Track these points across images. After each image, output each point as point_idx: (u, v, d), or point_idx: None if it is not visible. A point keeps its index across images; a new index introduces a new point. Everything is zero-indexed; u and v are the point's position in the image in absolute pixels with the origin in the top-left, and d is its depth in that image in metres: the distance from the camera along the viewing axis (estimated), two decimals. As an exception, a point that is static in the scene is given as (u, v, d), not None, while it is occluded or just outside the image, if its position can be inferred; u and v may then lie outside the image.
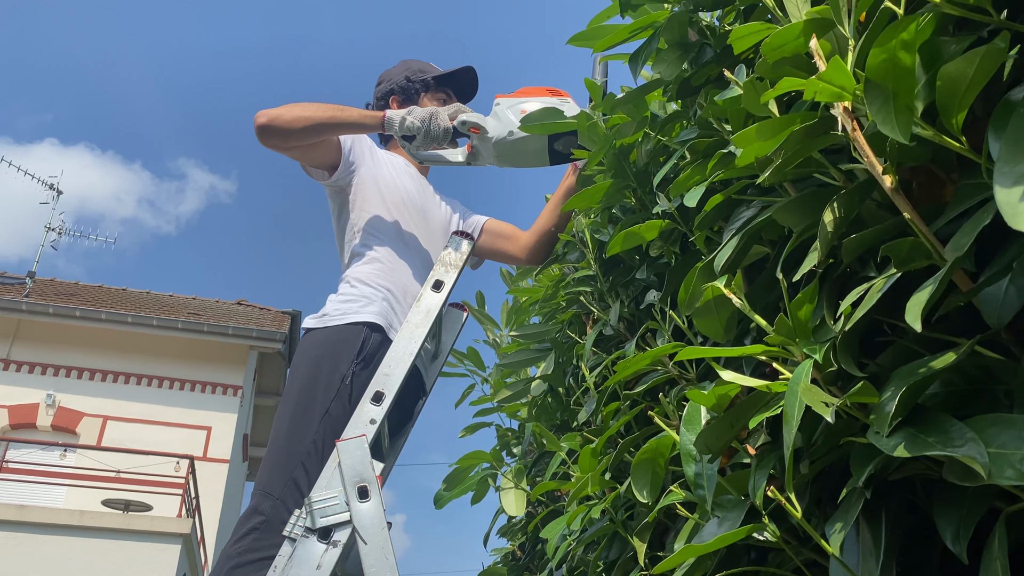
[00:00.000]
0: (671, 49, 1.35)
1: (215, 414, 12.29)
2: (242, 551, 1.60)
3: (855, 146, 0.78)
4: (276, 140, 1.70)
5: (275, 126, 1.68)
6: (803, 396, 0.74)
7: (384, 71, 2.09)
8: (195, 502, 9.48)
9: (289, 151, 1.75)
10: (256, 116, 1.68)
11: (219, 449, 12.00)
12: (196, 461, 10.50)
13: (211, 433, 12.09)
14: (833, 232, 0.81)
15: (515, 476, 1.73)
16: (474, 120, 1.76)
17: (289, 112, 1.69)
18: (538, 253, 2.14)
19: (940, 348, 0.87)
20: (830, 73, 0.75)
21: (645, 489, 1.09)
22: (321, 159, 1.82)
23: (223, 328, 12.03)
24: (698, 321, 1.03)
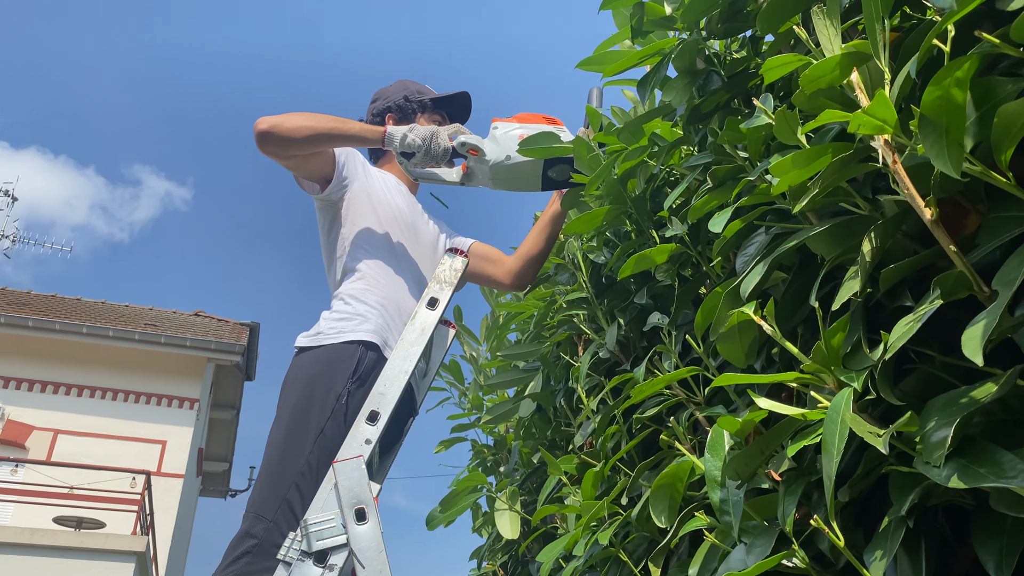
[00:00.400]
0: (681, 76, 1.37)
1: (170, 428, 12.02)
2: (233, 575, 1.56)
3: (895, 178, 0.79)
4: (275, 147, 1.68)
5: (276, 133, 1.66)
6: (852, 426, 0.74)
7: (379, 89, 2.10)
8: (150, 519, 9.25)
9: (287, 159, 1.73)
10: (257, 122, 1.66)
11: (174, 464, 11.73)
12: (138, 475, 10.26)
13: (166, 447, 11.82)
14: (871, 261, 0.83)
15: (509, 498, 1.72)
16: (473, 142, 1.76)
17: (291, 120, 1.67)
18: (523, 278, 2.14)
19: (962, 375, 0.89)
20: (875, 107, 0.76)
21: (663, 514, 1.09)
22: (316, 171, 1.80)
23: (181, 340, 11.79)
24: (721, 346, 1.04)
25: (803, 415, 0.84)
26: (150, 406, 12.04)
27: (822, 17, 0.90)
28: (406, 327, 1.80)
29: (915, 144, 0.80)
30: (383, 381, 1.72)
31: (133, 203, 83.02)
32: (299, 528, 1.56)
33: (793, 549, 0.87)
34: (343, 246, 1.88)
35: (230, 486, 16.64)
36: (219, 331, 13.06)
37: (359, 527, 1.54)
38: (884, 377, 0.81)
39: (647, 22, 1.36)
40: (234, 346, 12.16)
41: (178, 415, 12.15)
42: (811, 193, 0.86)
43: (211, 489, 16.23)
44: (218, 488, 16.44)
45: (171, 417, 12.10)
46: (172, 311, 14.54)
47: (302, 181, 1.86)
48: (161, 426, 11.96)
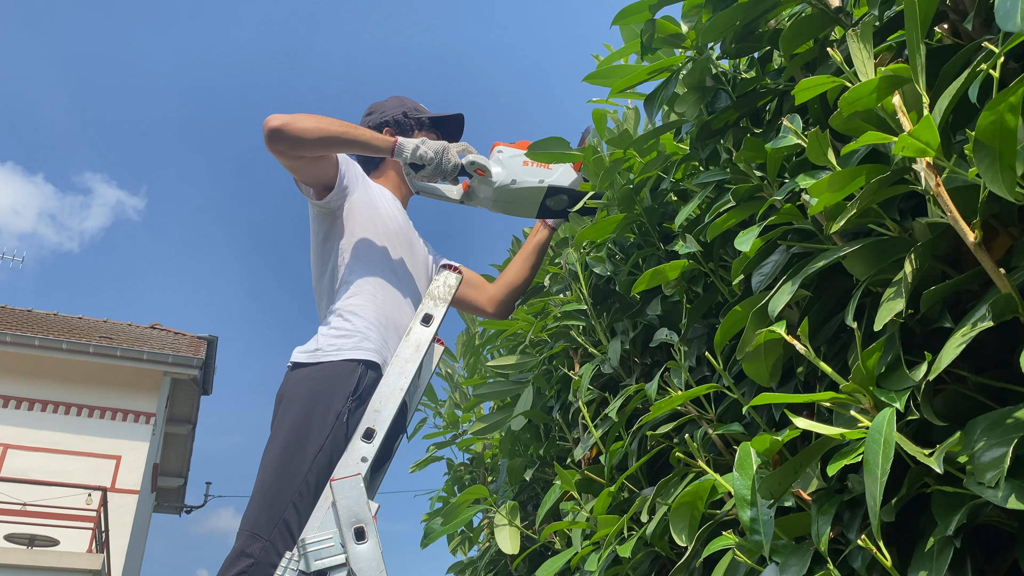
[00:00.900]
0: (690, 92, 1.37)
1: (125, 443, 11.75)
2: (227, 596, 1.52)
3: (937, 200, 0.80)
4: (285, 146, 1.64)
5: (288, 132, 1.62)
6: (899, 445, 0.75)
7: (374, 103, 2.07)
8: (105, 536, 9.00)
9: (293, 160, 1.68)
10: (268, 119, 1.62)
11: (129, 479, 11.46)
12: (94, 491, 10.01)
13: (120, 463, 11.55)
14: (912, 282, 0.83)
15: (509, 513, 1.70)
16: (482, 163, 1.76)
17: (303, 120, 1.64)
18: (504, 306, 2.13)
19: (993, 395, 0.90)
20: (919, 130, 0.77)
21: (684, 532, 1.09)
22: (319, 176, 1.77)
23: (137, 353, 11.55)
24: (746, 365, 1.04)
25: (842, 435, 0.85)
26: (104, 420, 11.76)
27: (856, 40, 0.91)
28: (400, 343, 1.78)
29: (954, 167, 0.81)
30: (378, 398, 1.69)
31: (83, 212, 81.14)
32: (296, 547, 1.52)
33: (829, 569, 0.87)
34: (340, 257, 1.85)
35: (185, 502, 16.30)
36: (176, 344, 12.83)
37: (359, 546, 1.51)
38: (927, 398, 0.81)
39: (657, 39, 1.37)
40: (192, 359, 11.95)
41: (133, 430, 11.88)
42: (849, 214, 0.87)
43: (165, 505, 15.89)
44: (173, 504, 16.10)
45: (126, 432, 11.83)
46: (127, 324, 14.24)
47: (303, 186, 1.82)
48: (116, 441, 11.68)
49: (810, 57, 1.18)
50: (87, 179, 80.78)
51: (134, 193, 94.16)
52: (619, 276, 1.69)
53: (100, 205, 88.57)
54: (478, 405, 2.99)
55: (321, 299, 1.92)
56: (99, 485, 9.47)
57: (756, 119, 1.40)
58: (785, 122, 1.00)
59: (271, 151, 1.65)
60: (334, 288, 1.85)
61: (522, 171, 1.79)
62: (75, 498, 9.22)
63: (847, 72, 0.93)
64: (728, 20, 1.17)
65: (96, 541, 8.87)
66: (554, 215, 1.94)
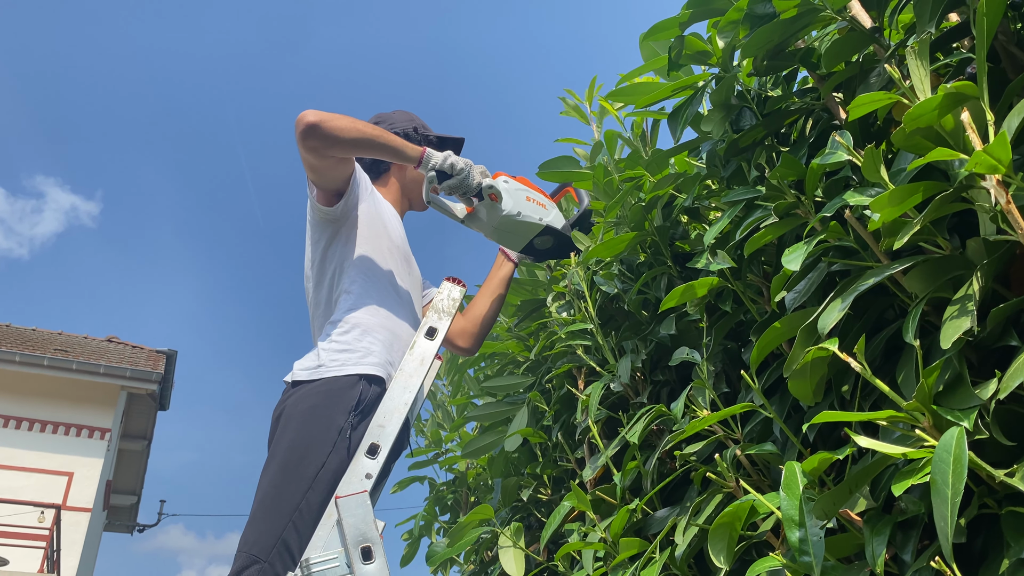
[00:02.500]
0: (716, 110, 1.37)
1: (78, 459, 11.42)
2: (225, 619, 1.46)
3: (1008, 217, 0.80)
4: (319, 143, 1.59)
5: (325, 128, 1.57)
6: (975, 466, 0.73)
7: (381, 114, 2.04)
8: (56, 555, 8.71)
9: (323, 159, 1.63)
10: (304, 114, 1.57)
11: (81, 497, 11.12)
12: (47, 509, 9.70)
13: (73, 479, 11.21)
14: (979, 300, 0.82)
15: (514, 535, 1.67)
16: (498, 189, 1.74)
17: (340, 119, 1.59)
18: (475, 340, 2.10)
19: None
20: (994, 147, 0.77)
21: (722, 554, 1.06)
22: (336, 180, 1.71)
23: (94, 367, 11.25)
24: (792, 383, 1.03)
25: (904, 454, 0.83)
26: (57, 436, 11.43)
27: (914, 57, 0.91)
28: (405, 357, 1.74)
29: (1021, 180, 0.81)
30: (382, 413, 1.65)
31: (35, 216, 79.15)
32: (299, 567, 1.47)
33: (886, 591, 0.85)
34: (342, 267, 1.79)
35: (138, 520, 15.88)
36: (134, 358, 12.54)
37: (366, 566, 1.46)
38: (995, 417, 0.80)
39: (684, 56, 1.37)
40: (151, 374, 11.68)
41: (87, 445, 11.56)
42: (912, 230, 0.86)
43: (117, 524, 15.45)
44: (124, 523, 15.67)
45: (80, 448, 11.51)
46: (83, 336, 13.90)
47: (317, 190, 1.76)
48: (68, 457, 11.35)
49: (847, 76, 1.18)
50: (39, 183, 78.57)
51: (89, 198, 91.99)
52: (628, 295, 1.67)
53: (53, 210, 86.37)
54: (462, 426, 2.95)
55: (318, 307, 1.86)
56: (52, 503, 9.17)
57: (781, 137, 1.40)
58: (836, 137, 0.99)
59: (303, 147, 1.60)
60: (332, 298, 1.80)
61: (525, 205, 1.78)
62: (26, 515, 8.90)
63: (903, 87, 0.92)
64: (767, 37, 1.17)
65: (48, 560, 8.57)
66: (536, 253, 1.94)
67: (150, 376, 11.68)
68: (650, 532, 1.48)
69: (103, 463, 11.63)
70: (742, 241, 1.26)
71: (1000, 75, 1.01)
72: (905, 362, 0.97)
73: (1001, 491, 0.83)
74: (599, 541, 1.45)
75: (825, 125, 1.28)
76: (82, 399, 11.77)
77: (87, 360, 11.41)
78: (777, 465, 1.21)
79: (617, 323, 1.83)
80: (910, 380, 0.95)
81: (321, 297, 1.84)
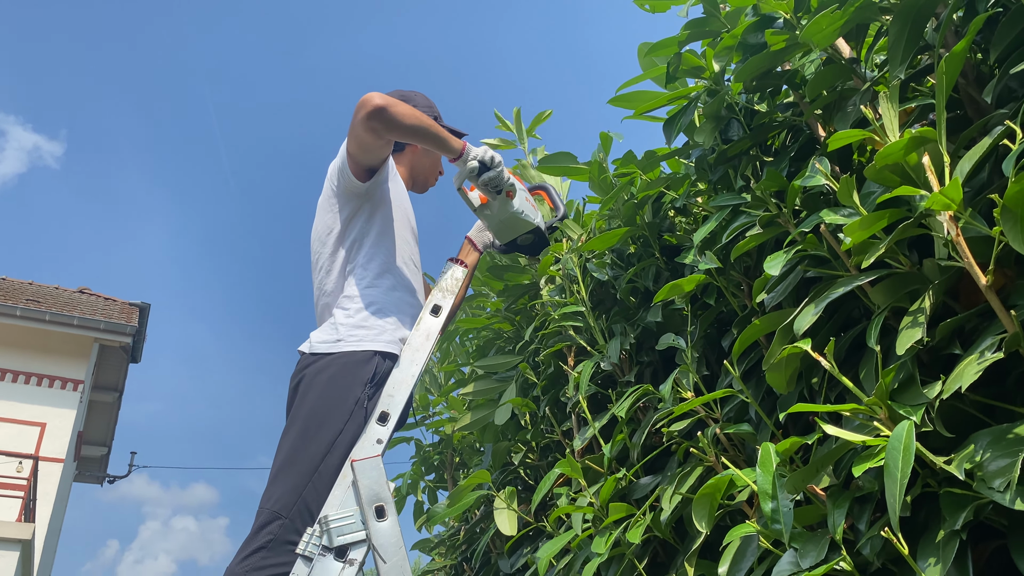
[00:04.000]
0: (708, 121, 1.51)
1: (51, 409, 11.41)
2: (248, 569, 1.60)
3: (956, 248, 0.95)
4: (381, 125, 1.69)
5: (390, 113, 1.68)
6: (922, 454, 0.90)
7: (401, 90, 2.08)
8: (33, 505, 8.79)
9: (379, 139, 1.71)
10: (371, 96, 1.67)
11: (53, 447, 11.15)
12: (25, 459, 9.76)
13: (45, 430, 11.24)
14: (930, 315, 0.98)
15: (508, 498, 1.83)
16: (518, 187, 1.86)
17: (402, 106, 1.69)
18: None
19: (985, 410, 1.06)
20: (948, 189, 0.92)
21: (703, 520, 1.22)
22: (377, 159, 1.79)
23: (67, 318, 11.20)
24: (769, 375, 1.18)
25: (863, 442, 0.99)
26: (30, 386, 11.40)
27: (886, 101, 1.06)
28: (412, 333, 1.87)
29: (970, 219, 0.96)
30: (392, 384, 1.79)
31: (-4, 157, 76.99)
32: (318, 524, 1.61)
33: (844, 555, 1.02)
34: (363, 242, 1.87)
35: (107, 471, 15.94)
36: (107, 310, 12.50)
37: (379, 523, 1.61)
38: (939, 413, 0.97)
39: (680, 70, 1.50)
40: (124, 327, 11.67)
41: (60, 397, 11.56)
42: (878, 252, 1.01)
43: (87, 474, 15.50)
44: (95, 473, 15.72)
45: (52, 399, 11.50)
46: (54, 287, 13.80)
47: (357, 165, 1.83)
48: (41, 408, 11.34)
49: (828, 101, 1.32)
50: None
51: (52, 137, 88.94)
52: (619, 283, 1.82)
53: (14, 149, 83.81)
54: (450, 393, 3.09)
55: (329, 273, 1.90)
56: (27, 453, 9.22)
57: (764, 147, 1.54)
58: (816, 164, 1.14)
59: (364, 127, 1.69)
60: (348, 269, 1.87)
61: (525, 205, 1.92)
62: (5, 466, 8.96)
63: (874, 126, 1.07)
64: (758, 65, 1.30)
65: (25, 511, 8.65)
66: (515, 248, 2.07)
67: (124, 329, 11.66)
68: (633, 498, 1.65)
69: (76, 414, 11.65)
70: (727, 243, 1.41)
71: (964, 117, 1.16)
72: (867, 359, 1.13)
73: (941, 474, 0.99)
74: (588, 505, 1.61)
75: (806, 139, 1.42)
76: (55, 351, 11.73)
77: (60, 311, 11.36)
78: (752, 443, 1.38)
79: (606, 307, 1.98)
80: (870, 376, 1.11)
81: (336, 265, 1.90)
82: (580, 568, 1.66)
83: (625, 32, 43.78)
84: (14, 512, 8.86)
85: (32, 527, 7.74)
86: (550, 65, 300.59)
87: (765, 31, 1.26)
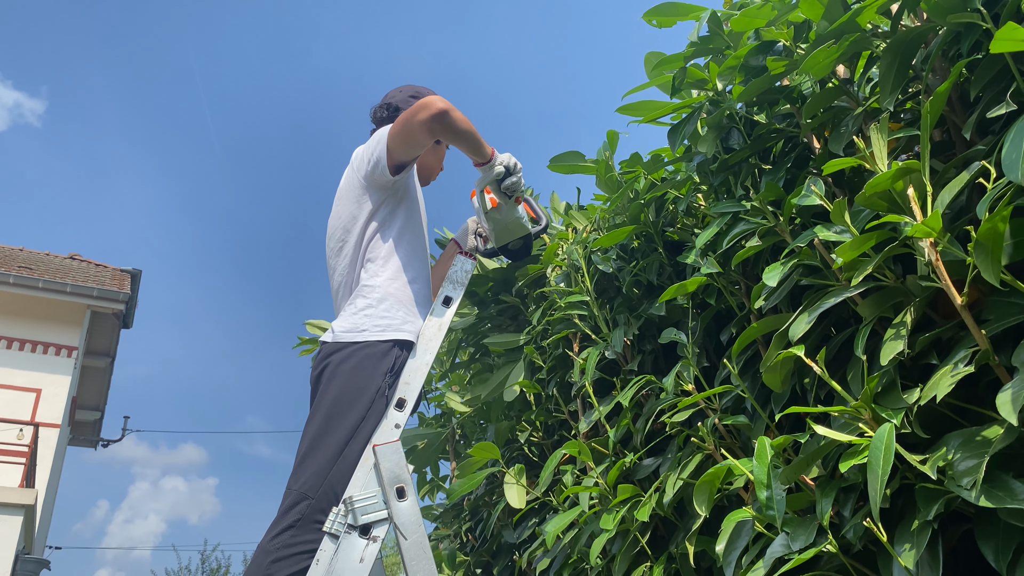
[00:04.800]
0: (710, 131, 1.61)
1: (46, 376, 11.51)
2: (279, 547, 1.73)
3: (935, 271, 1.07)
4: (440, 127, 1.81)
5: (450, 117, 1.80)
6: (901, 453, 1.02)
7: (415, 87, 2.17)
8: (33, 470, 8.93)
9: (429, 139, 1.85)
10: (435, 99, 1.79)
11: (50, 413, 11.27)
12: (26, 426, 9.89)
13: (41, 396, 11.34)
14: (911, 328, 1.10)
15: (517, 474, 1.96)
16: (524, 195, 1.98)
17: (458, 112, 1.81)
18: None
19: (958, 412, 1.18)
20: (930, 220, 1.03)
21: (703, 504, 1.35)
22: (414, 156, 1.93)
23: (60, 285, 11.25)
24: (765, 376, 1.30)
25: (849, 441, 1.12)
26: (24, 353, 11.49)
27: (877, 132, 1.17)
28: (425, 323, 1.98)
29: (948, 244, 1.08)
30: (408, 372, 1.90)
31: (-26, 113, 75.63)
32: (343, 504, 1.74)
33: (830, 539, 1.15)
34: (383, 234, 1.97)
35: (101, 435, 16.09)
36: (100, 277, 12.54)
37: (400, 503, 1.74)
38: (917, 417, 1.09)
39: (685, 83, 1.60)
40: (118, 294, 11.72)
41: (55, 363, 11.65)
42: (866, 271, 1.13)
43: (81, 439, 15.64)
44: (89, 438, 15.86)
45: (47, 365, 11.59)
46: (45, 253, 13.81)
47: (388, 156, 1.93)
48: (36, 374, 11.44)
49: (823, 120, 1.43)
50: (-22, 78, 74.24)
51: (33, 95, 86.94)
52: (623, 275, 1.93)
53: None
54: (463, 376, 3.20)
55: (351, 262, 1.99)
56: (25, 419, 9.32)
57: (762, 155, 1.65)
58: (812, 186, 1.25)
59: (424, 127, 1.81)
60: (367, 257, 1.95)
61: (524, 213, 2.04)
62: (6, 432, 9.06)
63: (864, 153, 1.18)
64: (759, 86, 1.41)
65: (27, 476, 8.79)
66: (503, 252, 2.18)
67: (117, 296, 11.72)
68: (636, 478, 1.78)
69: (71, 380, 11.75)
70: (727, 249, 1.52)
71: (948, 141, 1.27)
72: (853, 363, 1.25)
73: (917, 470, 1.12)
74: (594, 485, 1.74)
75: (802, 151, 1.53)
76: (48, 317, 11.79)
77: (52, 278, 11.40)
78: (747, 432, 1.50)
79: (609, 296, 2.09)
80: (857, 378, 1.24)
81: (359, 254, 1.97)
82: (587, 541, 1.80)
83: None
84: (16, 478, 9.00)
85: (35, 492, 7.89)
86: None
87: (767, 57, 1.36)
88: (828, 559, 1.23)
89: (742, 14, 1.36)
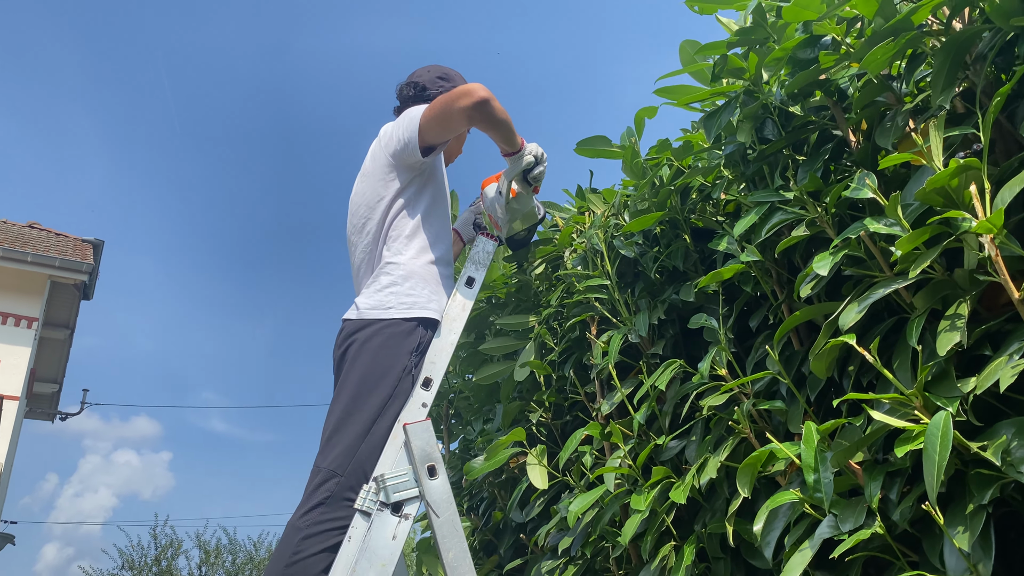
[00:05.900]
0: (747, 120, 1.64)
1: (5, 347, 11.28)
2: (309, 523, 1.74)
3: (993, 265, 1.11)
4: (480, 116, 1.84)
5: (490, 106, 1.82)
6: (958, 441, 1.06)
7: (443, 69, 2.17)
8: (-5, 443, 8.77)
9: (466, 126, 1.88)
10: (477, 87, 1.81)
11: (9, 385, 11.06)
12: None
13: (0, 367, 11.11)
14: (966, 320, 1.14)
15: (539, 455, 1.99)
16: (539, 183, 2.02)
17: (497, 101, 1.84)
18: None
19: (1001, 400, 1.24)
20: (993, 217, 1.07)
21: (745, 486, 1.40)
22: (445, 140, 1.94)
23: (21, 255, 10.99)
24: (813, 362, 1.34)
25: (904, 427, 1.16)
26: (-18, 323, 11.23)
27: (934, 129, 1.20)
28: (449, 303, 2.00)
29: (1005, 240, 1.12)
30: (433, 351, 1.92)
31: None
32: (374, 482, 1.75)
33: (878, 521, 1.20)
34: (409, 214, 1.98)
35: (59, 408, 15.80)
36: (61, 247, 12.26)
37: (432, 481, 1.76)
38: (973, 406, 1.14)
39: (725, 70, 1.62)
40: (80, 264, 11.49)
41: (14, 334, 11.41)
42: (924, 264, 1.17)
43: (38, 411, 15.36)
44: (45, 410, 15.58)
45: (6, 336, 11.35)
46: (3, 221, 13.45)
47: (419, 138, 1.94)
48: (-6, 345, 11.20)
49: (868, 115, 1.46)
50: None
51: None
52: (645, 260, 1.96)
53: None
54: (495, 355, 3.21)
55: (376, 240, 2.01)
56: None
57: (795, 147, 1.68)
58: (866, 180, 1.28)
59: (464, 114, 1.83)
60: (392, 235, 1.96)
61: (535, 202, 2.08)
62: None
63: (921, 148, 1.21)
64: (807, 79, 1.44)
65: (-10, 449, 8.62)
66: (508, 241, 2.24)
67: (80, 267, 11.49)
68: (660, 459, 1.82)
69: (30, 352, 11.52)
70: (767, 238, 1.56)
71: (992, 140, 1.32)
72: (899, 351, 1.30)
73: (967, 455, 1.17)
74: (620, 465, 1.78)
75: (838, 143, 1.57)
76: (7, 287, 11.52)
77: (11, 247, 11.13)
78: (781, 417, 1.55)
79: (627, 280, 2.12)
80: (904, 364, 1.28)
81: (383, 232, 1.98)
82: (609, 521, 1.84)
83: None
84: (-22, 451, 8.82)
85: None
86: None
87: (818, 50, 1.39)
88: (871, 540, 1.28)
89: (793, 4, 1.38)
